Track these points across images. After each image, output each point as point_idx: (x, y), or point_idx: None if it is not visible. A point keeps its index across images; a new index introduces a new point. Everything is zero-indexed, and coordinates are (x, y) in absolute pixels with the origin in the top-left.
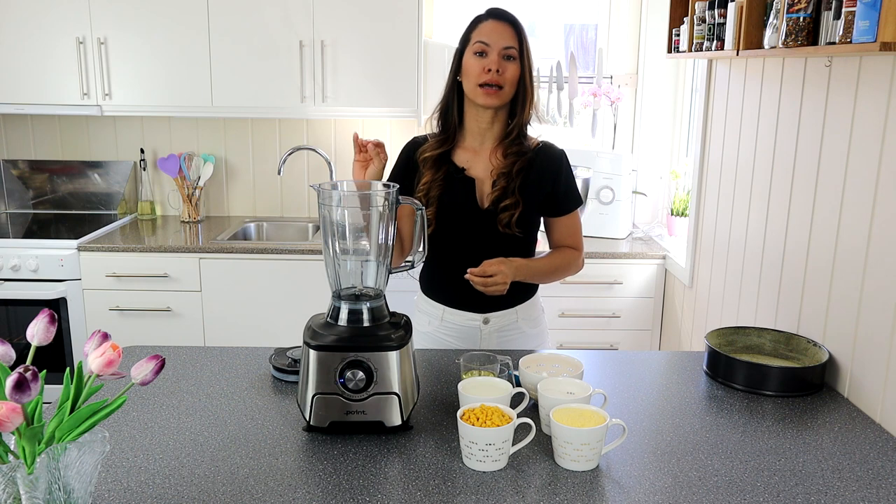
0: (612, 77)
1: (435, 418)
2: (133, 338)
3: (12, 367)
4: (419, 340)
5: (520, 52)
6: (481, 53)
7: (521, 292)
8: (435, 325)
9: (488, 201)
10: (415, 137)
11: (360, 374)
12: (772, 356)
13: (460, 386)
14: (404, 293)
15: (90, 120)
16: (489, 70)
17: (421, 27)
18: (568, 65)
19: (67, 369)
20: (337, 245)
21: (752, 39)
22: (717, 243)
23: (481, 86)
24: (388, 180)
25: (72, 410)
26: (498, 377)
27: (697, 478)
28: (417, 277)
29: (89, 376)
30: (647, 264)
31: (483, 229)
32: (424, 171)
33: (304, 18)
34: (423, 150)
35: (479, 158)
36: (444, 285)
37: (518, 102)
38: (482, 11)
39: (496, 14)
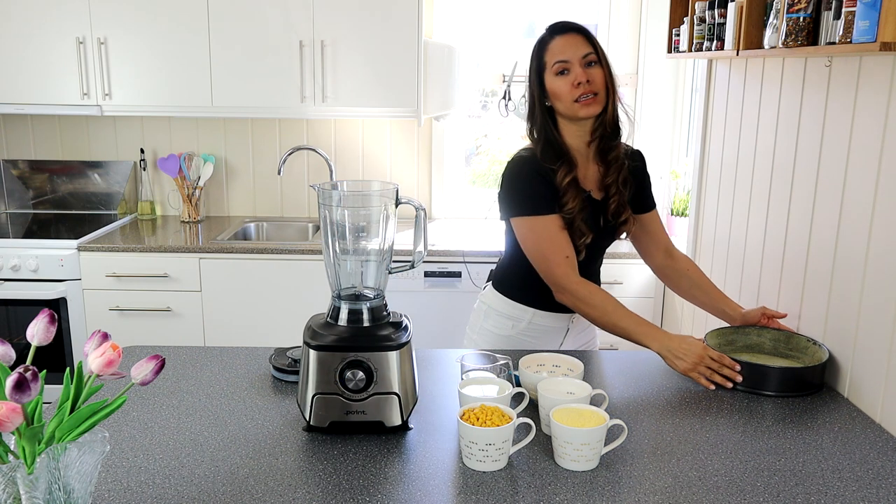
0: None
1: (435, 418)
2: (133, 338)
3: (12, 367)
4: (499, 343)
5: (597, 54)
6: (564, 72)
7: None
8: (520, 328)
9: (606, 218)
10: (531, 159)
11: (360, 374)
12: (772, 355)
13: (460, 386)
14: (404, 293)
15: (90, 120)
16: (579, 84)
17: (421, 27)
18: None
19: (67, 369)
20: (337, 245)
21: (752, 39)
22: (717, 243)
23: (576, 101)
24: (536, 203)
25: (72, 410)
26: (498, 377)
27: (697, 478)
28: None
29: (89, 376)
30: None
31: (597, 243)
32: (567, 198)
33: (304, 18)
34: (560, 177)
35: (588, 174)
36: (542, 291)
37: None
38: (544, 32)
39: (561, 29)
